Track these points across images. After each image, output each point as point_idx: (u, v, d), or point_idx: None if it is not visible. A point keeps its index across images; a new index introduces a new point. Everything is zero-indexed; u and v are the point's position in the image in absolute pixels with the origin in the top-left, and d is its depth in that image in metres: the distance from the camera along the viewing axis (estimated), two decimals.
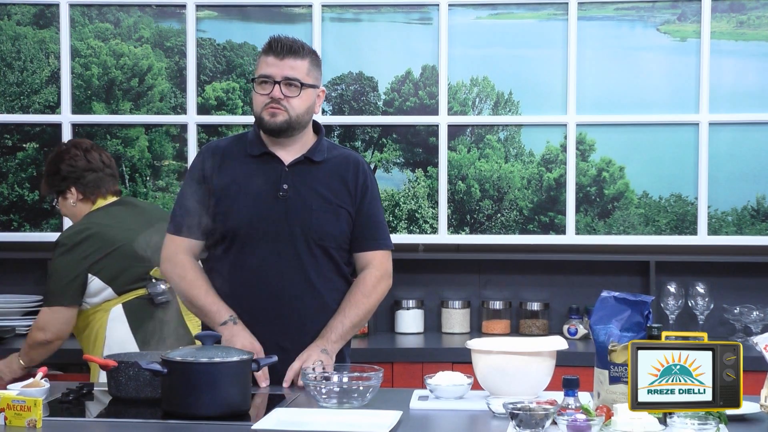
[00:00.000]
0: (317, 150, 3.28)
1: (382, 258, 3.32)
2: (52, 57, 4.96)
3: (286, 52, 3.18)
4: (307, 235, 3.21)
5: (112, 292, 3.73)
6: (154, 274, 3.72)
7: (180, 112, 4.96)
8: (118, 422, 2.71)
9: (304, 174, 3.25)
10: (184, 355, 2.73)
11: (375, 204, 3.33)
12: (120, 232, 3.77)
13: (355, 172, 3.30)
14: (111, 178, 3.93)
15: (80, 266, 3.72)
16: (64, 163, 3.89)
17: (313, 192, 3.23)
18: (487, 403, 2.75)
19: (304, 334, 3.21)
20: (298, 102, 3.19)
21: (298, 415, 2.71)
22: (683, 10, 4.88)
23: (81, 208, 3.89)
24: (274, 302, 3.20)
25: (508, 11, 4.94)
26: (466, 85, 4.93)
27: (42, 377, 2.91)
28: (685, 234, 4.87)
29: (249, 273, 3.21)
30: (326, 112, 4.94)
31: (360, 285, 3.27)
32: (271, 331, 3.20)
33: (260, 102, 3.20)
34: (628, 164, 4.90)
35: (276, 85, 3.16)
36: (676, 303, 4.71)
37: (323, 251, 3.24)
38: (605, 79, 4.90)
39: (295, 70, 3.18)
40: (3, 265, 4.99)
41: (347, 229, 3.27)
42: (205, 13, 4.96)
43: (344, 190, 3.27)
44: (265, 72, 3.18)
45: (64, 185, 3.89)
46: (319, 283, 3.23)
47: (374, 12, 4.96)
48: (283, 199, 3.21)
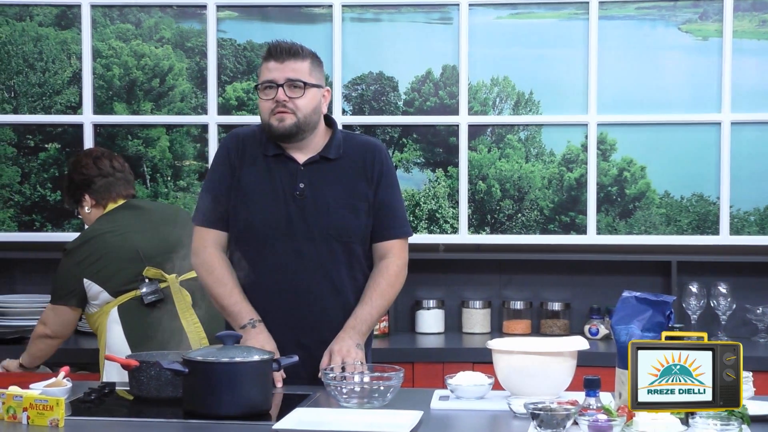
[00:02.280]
0: (332, 147, 3.27)
1: (401, 246, 3.31)
2: (74, 58, 4.98)
3: (286, 55, 3.18)
4: (325, 232, 3.21)
5: (108, 295, 3.77)
6: (147, 274, 3.76)
7: (201, 112, 4.97)
8: (140, 422, 2.71)
9: (320, 172, 3.25)
10: (205, 355, 2.74)
11: (391, 191, 3.31)
12: (117, 235, 3.82)
13: (372, 159, 3.28)
14: (123, 182, 3.98)
15: (75, 271, 3.80)
16: (76, 172, 3.98)
17: (329, 190, 3.23)
18: (508, 404, 2.74)
19: (324, 332, 3.21)
20: (303, 102, 3.18)
21: (318, 414, 2.71)
22: (705, 9, 4.86)
23: (95, 214, 3.97)
24: (295, 300, 3.20)
25: (528, 11, 4.93)
26: (486, 84, 4.92)
27: (64, 377, 2.92)
28: (707, 234, 4.85)
29: (269, 271, 3.21)
30: (346, 112, 4.95)
31: (384, 274, 3.26)
32: (291, 329, 3.20)
33: (266, 108, 3.20)
34: (650, 164, 4.88)
35: (279, 89, 3.17)
36: (698, 303, 4.69)
37: (344, 247, 3.23)
38: (626, 79, 4.89)
39: (296, 71, 3.18)
40: (25, 264, 5.02)
41: (368, 223, 3.26)
42: (225, 14, 4.97)
43: (363, 181, 3.26)
44: (268, 77, 3.18)
45: (79, 193, 3.98)
46: (339, 280, 3.23)
47: (394, 12, 4.96)
48: (300, 198, 3.21)
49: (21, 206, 4.99)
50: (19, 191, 4.99)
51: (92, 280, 3.78)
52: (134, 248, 3.77)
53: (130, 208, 3.96)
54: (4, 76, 4.99)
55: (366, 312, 3.21)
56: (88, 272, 3.78)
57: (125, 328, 3.75)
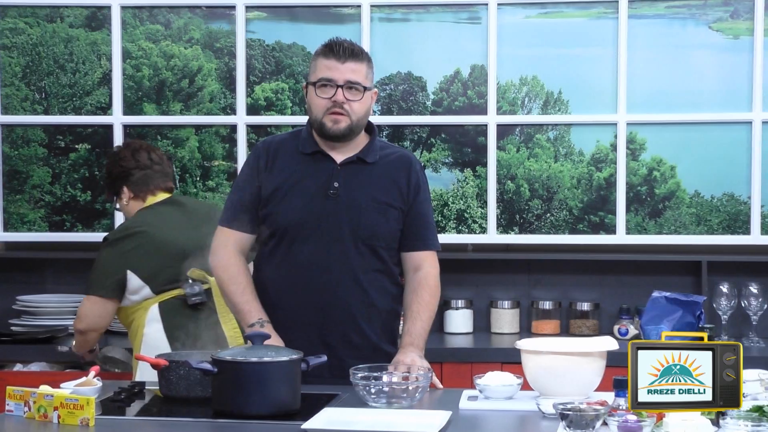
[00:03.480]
0: (370, 151, 3.28)
1: (434, 258, 3.33)
2: (104, 59, 5.01)
3: (348, 56, 3.18)
4: (355, 233, 3.22)
5: (150, 291, 3.77)
6: (192, 275, 3.75)
7: (230, 112, 4.99)
8: (169, 421, 2.72)
9: (356, 174, 3.25)
10: (234, 355, 2.74)
11: (427, 204, 3.34)
12: (163, 231, 3.81)
13: (408, 171, 3.30)
14: (161, 175, 3.98)
15: (119, 261, 3.77)
16: (115, 165, 3.99)
17: (363, 192, 3.24)
18: (537, 404, 2.73)
19: (349, 332, 3.22)
20: (359, 106, 3.20)
21: (347, 414, 2.71)
22: (736, 8, 4.83)
23: (133, 206, 3.96)
24: (321, 299, 3.21)
25: (557, 10, 4.91)
26: (515, 84, 4.91)
27: (94, 376, 2.93)
28: (737, 233, 4.82)
29: (297, 270, 3.22)
30: (375, 112, 4.95)
31: (424, 286, 3.28)
32: (316, 328, 3.22)
33: (321, 105, 3.19)
34: (680, 163, 4.86)
35: (339, 89, 3.17)
36: (729, 303, 4.66)
37: (371, 250, 3.24)
38: (656, 78, 4.86)
39: (356, 73, 3.18)
40: (56, 264, 5.05)
41: (397, 228, 3.27)
42: (254, 14, 4.99)
43: (395, 189, 3.27)
44: (327, 75, 3.18)
45: (117, 186, 3.98)
46: (366, 282, 3.24)
47: (423, 12, 4.95)
48: (333, 197, 3.22)
49: (52, 206, 5.02)
50: (50, 192, 5.02)
51: (136, 273, 3.76)
52: (180, 246, 3.75)
53: (174, 204, 3.96)
54: (35, 78, 5.02)
55: (419, 327, 3.23)
56: (132, 264, 3.76)
57: (166, 328, 3.74)
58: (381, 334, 3.29)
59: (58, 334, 4.62)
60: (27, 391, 2.70)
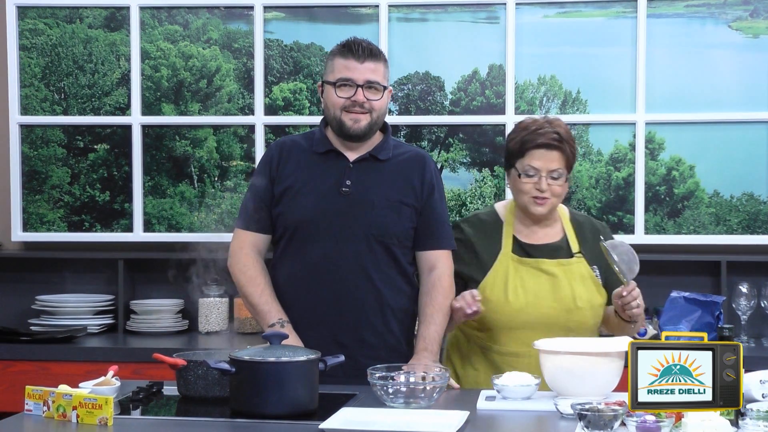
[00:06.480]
0: (383, 148, 3.29)
1: (449, 257, 3.32)
2: (123, 59, 5.03)
3: (367, 56, 3.20)
4: (367, 231, 3.21)
5: None
6: None
7: (248, 112, 5.00)
8: (187, 421, 2.73)
9: (368, 171, 3.26)
10: (252, 355, 2.75)
11: (442, 203, 3.33)
12: None
13: (422, 169, 3.30)
14: None
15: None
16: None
17: (375, 189, 3.24)
18: (554, 404, 2.72)
19: (363, 331, 3.22)
20: (378, 105, 3.22)
21: (365, 414, 2.71)
22: (756, 7, 4.81)
23: None
24: (333, 298, 3.21)
25: (575, 9, 4.90)
26: (533, 84, 4.90)
27: (113, 376, 2.94)
28: (757, 233, 4.80)
29: (309, 268, 3.22)
30: (393, 111, 4.94)
31: (438, 288, 3.26)
32: (329, 327, 3.21)
33: (339, 104, 3.21)
34: (699, 163, 4.84)
35: (359, 89, 3.18)
36: (748, 303, 4.63)
37: (384, 248, 3.23)
38: (675, 77, 4.85)
39: (375, 73, 3.20)
40: (74, 264, 5.06)
41: (410, 226, 3.27)
42: (272, 14, 4.99)
43: (409, 187, 3.27)
44: (346, 75, 3.19)
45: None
46: (379, 280, 3.23)
47: (441, 11, 4.95)
48: (345, 195, 3.22)
49: (70, 207, 5.04)
50: (69, 192, 5.04)
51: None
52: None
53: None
54: (54, 78, 5.04)
55: (433, 331, 3.22)
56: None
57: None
58: (396, 334, 3.28)
59: (77, 333, 4.63)
60: (46, 390, 2.71)
